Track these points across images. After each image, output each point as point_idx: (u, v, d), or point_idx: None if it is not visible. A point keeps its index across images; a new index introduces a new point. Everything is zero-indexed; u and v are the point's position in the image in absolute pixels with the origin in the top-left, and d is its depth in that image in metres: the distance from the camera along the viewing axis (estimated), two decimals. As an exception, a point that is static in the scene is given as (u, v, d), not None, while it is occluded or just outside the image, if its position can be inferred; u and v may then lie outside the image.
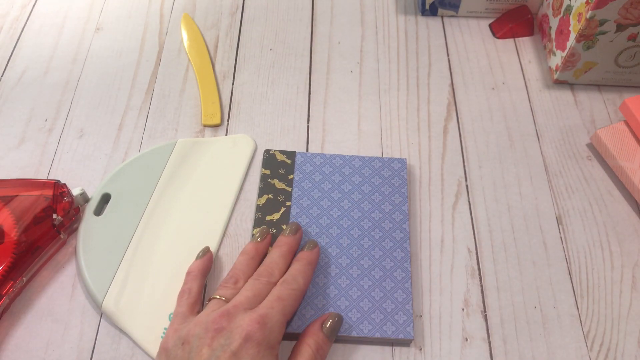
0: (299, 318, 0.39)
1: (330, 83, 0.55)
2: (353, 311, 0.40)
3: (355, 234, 0.43)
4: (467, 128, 0.51)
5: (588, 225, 0.46)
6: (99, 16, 0.60)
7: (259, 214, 0.44)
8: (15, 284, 0.39)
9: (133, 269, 0.42)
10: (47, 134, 0.50)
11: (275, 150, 0.48)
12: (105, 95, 0.53)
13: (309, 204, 0.45)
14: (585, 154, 0.50)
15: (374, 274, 0.41)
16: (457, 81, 0.55)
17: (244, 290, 0.37)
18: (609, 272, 0.43)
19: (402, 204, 0.45)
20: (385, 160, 0.47)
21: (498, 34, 0.58)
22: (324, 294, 0.40)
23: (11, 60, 0.56)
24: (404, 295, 0.40)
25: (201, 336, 0.34)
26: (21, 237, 0.40)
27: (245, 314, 0.34)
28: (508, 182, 0.48)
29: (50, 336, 0.40)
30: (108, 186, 0.46)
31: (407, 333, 0.39)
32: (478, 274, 0.43)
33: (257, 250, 0.41)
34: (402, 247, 0.43)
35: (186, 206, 0.45)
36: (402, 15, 0.60)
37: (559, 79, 0.54)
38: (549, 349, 0.40)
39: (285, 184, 0.46)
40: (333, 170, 0.47)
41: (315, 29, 0.59)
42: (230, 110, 0.52)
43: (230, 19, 0.60)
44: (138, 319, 0.40)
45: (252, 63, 0.56)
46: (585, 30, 0.48)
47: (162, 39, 0.58)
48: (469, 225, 0.45)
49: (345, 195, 0.45)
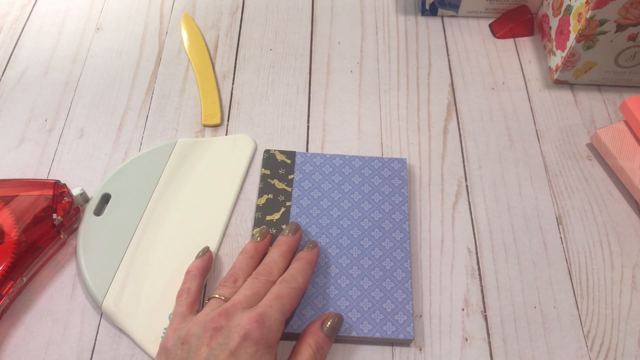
0: (299, 318, 0.39)
1: (330, 83, 0.55)
2: (353, 311, 0.40)
3: (355, 234, 0.43)
4: (467, 128, 0.51)
5: (588, 225, 0.46)
6: (99, 16, 0.60)
7: (259, 214, 0.44)
8: (15, 284, 0.39)
9: (133, 269, 0.42)
10: (47, 134, 0.50)
11: (275, 150, 0.48)
12: (105, 95, 0.53)
13: (309, 204, 0.45)
14: (585, 154, 0.50)
15: (374, 274, 0.41)
16: (457, 81, 0.55)
17: (242, 289, 0.37)
18: (609, 272, 0.43)
19: (402, 204, 0.45)
20: (385, 160, 0.47)
21: (498, 34, 0.58)
22: (324, 294, 0.40)
23: (11, 60, 0.56)
24: (404, 295, 0.40)
25: (200, 335, 0.34)
26: (21, 237, 0.40)
27: (244, 313, 0.34)
28: (508, 182, 0.48)
29: (50, 336, 0.40)
30: (108, 186, 0.46)
31: (407, 333, 0.39)
32: (478, 274, 0.43)
33: (256, 249, 0.41)
34: (402, 247, 0.43)
35: (186, 206, 0.45)
36: (402, 15, 0.60)
37: (559, 79, 0.54)
38: (549, 349, 0.40)
39: (285, 184, 0.46)
40: (333, 170, 0.47)
41: (315, 29, 0.59)
42: (230, 110, 0.52)
43: (230, 19, 0.60)
44: (138, 319, 0.40)
45: (252, 63, 0.56)
46: (585, 30, 0.48)
47: (162, 39, 0.58)
48: (469, 225, 0.45)
49: (345, 195, 0.45)
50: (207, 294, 0.41)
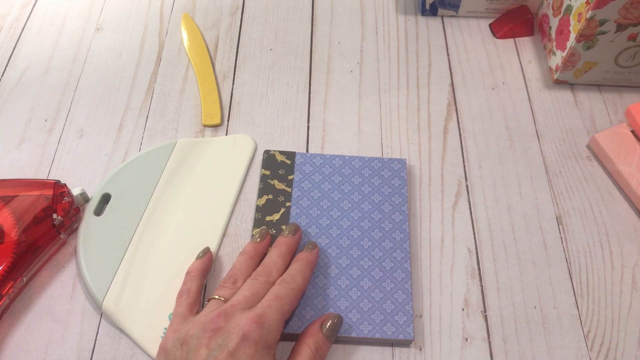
0: (299, 319, 0.39)
1: (330, 83, 0.55)
2: (353, 312, 0.40)
3: (355, 235, 0.43)
4: (467, 128, 0.51)
5: (588, 225, 0.46)
6: (99, 16, 0.60)
7: (258, 215, 0.44)
8: (15, 284, 0.39)
9: (133, 269, 0.42)
10: (47, 134, 0.50)
11: (275, 150, 0.48)
12: (105, 95, 0.53)
13: (309, 205, 0.45)
14: (585, 154, 0.50)
15: (373, 274, 0.41)
16: (457, 81, 0.55)
17: (242, 290, 0.37)
18: (609, 272, 0.43)
19: (402, 204, 0.45)
20: (385, 161, 0.47)
21: (498, 34, 0.58)
22: (323, 294, 0.40)
23: (11, 60, 0.56)
24: (404, 296, 0.40)
25: (199, 336, 0.34)
26: (21, 237, 0.40)
27: (243, 314, 0.34)
28: (508, 182, 0.48)
29: (50, 336, 0.40)
30: (108, 186, 0.46)
31: (407, 334, 0.39)
32: (478, 274, 0.43)
33: (256, 250, 0.41)
34: (402, 248, 0.43)
35: (186, 206, 0.45)
36: (402, 15, 0.60)
37: (559, 79, 0.54)
38: (549, 349, 0.40)
39: (285, 185, 0.46)
40: (333, 170, 0.47)
41: (315, 29, 0.59)
42: (230, 110, 0.52)
43: (230, 19, 0.60)
44: (138, 319, 0.40)
45: (252, 63, 0.56)
46: (585, 30, 0.48)
47: (162, 39, 0.58)
48: (469, 225, 0.45)
49: (345, 195, 0.45)
50: (207, 295, 0.41)
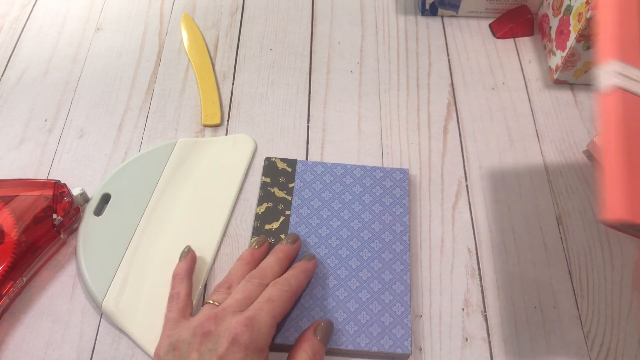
0: (295, 330, 0.38)
1: (330, 83, 0.55)
2: (350, 324, 0.39)
3: (355, 245, 0.43)
4: (467, 128, 0.51)
5: (588, 225, 0.46)
6: (99, 16, 0.60)
7: (257, 223, 0.44)
8: (15, 284, 0.39)
9: (133, 269, 0.42)
10: (47, 134, 0.50)
11: (277, 158, 0.47)
12: (105, 95, 0.53)
13: (309, 214, 0.44)
14: (586, 154, 0.50)
15: (372, 286, 0.41)
16: (457, 81, 0.55)
17: (234, 293, 0.37)
18: (609, 272, 0.43)
19: (403, 215, 0.44)
20: (387, 171, 0.47)
21: (498, 34, 0.58)
22: (321, 305, 0.40)
23: (11, 60, 0.56)
24: (403, 309, 0.40)
25: (190, 341, 0.33)
26: (21, 237, 0.40)
27: (233, 317, 0.34)
28: (508, 182, 0.48)
29: (50, 336, 0.40)
30: (108, 186, 0.46)
31: (405, 348, 0.38)
32: (478, 274, 0.43)
33: (253, 256, 0.40)
34: (402, 260, 0.42)
35: (186, 206, 0.45)
36: (402, 15, 0.60)
37: (559, 79, 0.54)
38: (549, 349, 0.40)
39: (285, 193, 0.45)
40: (334, 179, 0.46)
41: (315, 29, 0.59)
42: (230, 110, 0.52)
43: (230, 19, 0.60)
44: (138, 319, 0.40)
45: (252, 63, 0.56)
46: (585, 30, 0.48)
47: (162, 39, 0.58)
48: (469, 225, 0.45)
49: (345, 205, 0.45)
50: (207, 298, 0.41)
